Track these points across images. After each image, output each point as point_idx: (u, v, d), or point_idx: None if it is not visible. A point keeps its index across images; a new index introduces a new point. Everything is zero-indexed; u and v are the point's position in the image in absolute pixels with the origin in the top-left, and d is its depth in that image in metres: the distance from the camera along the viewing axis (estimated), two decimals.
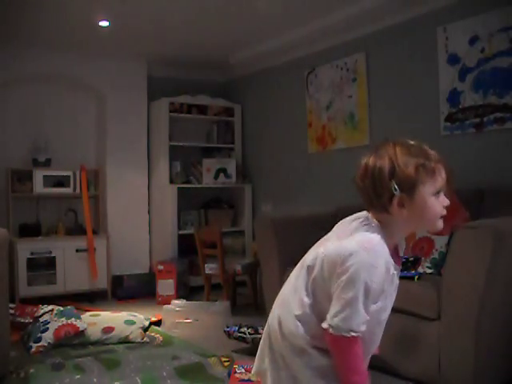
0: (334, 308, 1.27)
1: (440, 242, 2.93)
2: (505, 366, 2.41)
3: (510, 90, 3.23)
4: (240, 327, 3.22)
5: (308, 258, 1.38)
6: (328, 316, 1.27)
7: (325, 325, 1.27)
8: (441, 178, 1.29)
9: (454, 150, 3.57)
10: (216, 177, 5.42)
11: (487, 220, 2.49)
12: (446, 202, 1.31)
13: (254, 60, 5.30)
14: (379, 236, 1.29)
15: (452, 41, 3.54)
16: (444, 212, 1.32)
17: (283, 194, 5.09)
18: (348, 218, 1.38)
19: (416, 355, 2.56)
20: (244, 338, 3.16)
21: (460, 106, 3.51)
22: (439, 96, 3.63)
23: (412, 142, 1.33)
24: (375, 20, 4.07)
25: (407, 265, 2.89)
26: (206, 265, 4.55)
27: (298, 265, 1.41)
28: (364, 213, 1.36)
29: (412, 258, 2.92)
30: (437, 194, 1.29)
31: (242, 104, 5.68)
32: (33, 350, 3.15)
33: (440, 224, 1.32)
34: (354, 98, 4.32)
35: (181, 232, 5.22)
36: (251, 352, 3.13)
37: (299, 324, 1.33)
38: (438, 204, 1.30)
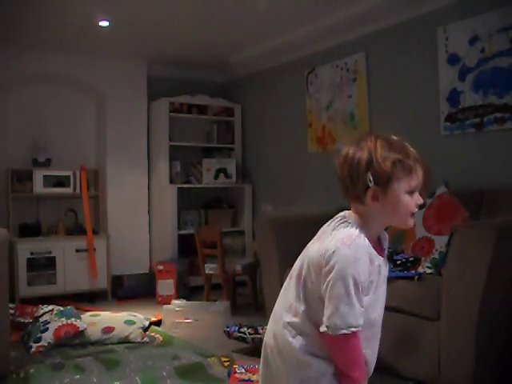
0: (328, 309, 1.27)
1: (440, 242, 2.93)
2: (505, 366, 2.41)
3: (510, 90, 3.23)
4: (240, 327, 3.22)
5: (295, 267, 1.39)
6: (324, 318, 1.28)
7: (322, 328, 1.28)
8: (417, 177, 1.31)
9: (454, 150, 3.57)
10: (216, 177, 5.41)
11: (487, 220, 2.50)
12: (420, 200, 1.33)
13: (254, 60, 5.30)
14: (357, 230, 1.31)
15: (452, 41, 3.54)
16: (416, 210, 1.33)
17: (283, 194, 5.09)
18: (329, 221, 1.40)
19: (416, 355, 2.56)
20: (244, 338, 3.16)
21: (460, 106, 3.51)
22: (439, 96, 3.63)
23: (394, 138, 1.34)
24: (375, 20, 4.07)
25: (407, 265, 2.89)
26: (205, 265, 4.55)
27: (287, 278, 1.43)
28: (342, 213, 1.38)
29: (412, 258, 2.92)
30: (411, 192, 1.31)
31: (242, 104, 5.68)
32: (33, 349, 3.15)
33: (411, 222, 1.35)
34: (353, 97, 4.32)
35: (181, 232, 5.22)
36: (251, 352, 3.14)
37: (295, 334, 1.34)
38: (411, 201, 1.31)
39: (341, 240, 1.28)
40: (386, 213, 1.32)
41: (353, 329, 1.26)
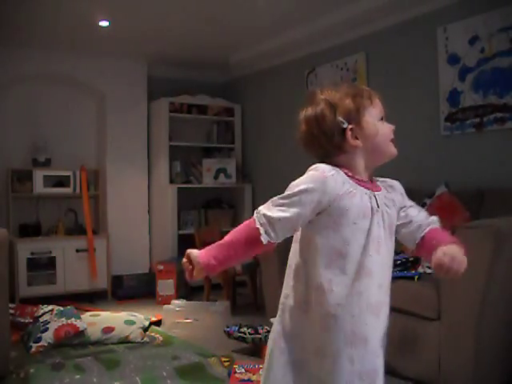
0: None
1: None
2: (505, 366, 2.41)
3: (510, 90, 3.23)
4: (240, 327, 3.22)
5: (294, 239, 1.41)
6: None
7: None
8: (378, 102, 1.33)
9: (454, 150, 3.57)
10: (216, 177, 5.42)
11: (487, 220, 2.49)
12: (391, 125, 1.35)
13: (254, 60, 5.30)
14: (323, 163, 1.32)
15: (452, 41, 3.54)
16: (392, 135, 1.34)
17: None
18: None
19: (416, 355, 2.56)
20: (244, 337, 3.16)
21: (460, 106, 3.51)
22: (439, 96, 3.63)
23: (337, 84, 1.37)
24: (375, 20, 4.07)
25: (407, 265, 2.89)
26: None
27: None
28: None
29: (412, 258, 2.92)
30: (381, 118, 1.33)
31: (242, 104, 5.68)
32: (33, 349, 3.15)
33: (393, 149, 1.35)
34: None
35: (181, 232, 5.22)
36: (251, 352, 3.14)
37: None
38: (386, 127, 1.33)
39: None
40: (369, 148, 1.31)
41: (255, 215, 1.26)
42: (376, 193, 1.32)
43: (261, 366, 2.59)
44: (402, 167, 3.93)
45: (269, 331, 3.26)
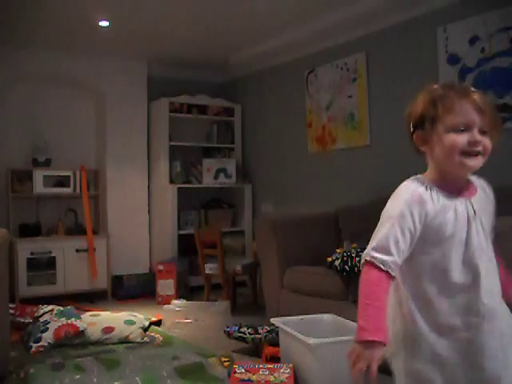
0: None
1: None
2: None
3: (510, 90, 3.23)
4: (240, 327, 3.21)
5: None
6: None
7: None
8: (462, 113, 1.22)
9: None
10: (216, 177, 5.41)
11: None
12: (472, 137, 1.22)
13: (254, 60, 5.30)
14: (410, 180, 1.30)
15: (452, 41, 3.55)
16: (467, 148, 1.23)
17: (283, 194, 5.09)
18: None
19: None
20: (244, 337, 3.16)
21: None
22: None
23: (447, 83, 1.34)
24: (375, 20, 4.07)
25: None
26: (206, 265, 4.55)
27: None
28: None
29: None
30: (457, 129, 1.22)
31: (242, 104, 5.68)
32: (33, 350, 3.15)
33: (463, 161, 1.23)
34: (354, 97, 4.32)
35: (181, 232, 5.22)
36: (251, 352, 3.14)
37: None
38: (458, 138, 1.22)
39: None
40: (435, 154, 1.27)
41: (367, 257, 1.20)
42: (472, 198, 1.33)
43: (261, 366, 2.59)
44: (401, 167, 3.94)
45: (269, 331, 3.27)
